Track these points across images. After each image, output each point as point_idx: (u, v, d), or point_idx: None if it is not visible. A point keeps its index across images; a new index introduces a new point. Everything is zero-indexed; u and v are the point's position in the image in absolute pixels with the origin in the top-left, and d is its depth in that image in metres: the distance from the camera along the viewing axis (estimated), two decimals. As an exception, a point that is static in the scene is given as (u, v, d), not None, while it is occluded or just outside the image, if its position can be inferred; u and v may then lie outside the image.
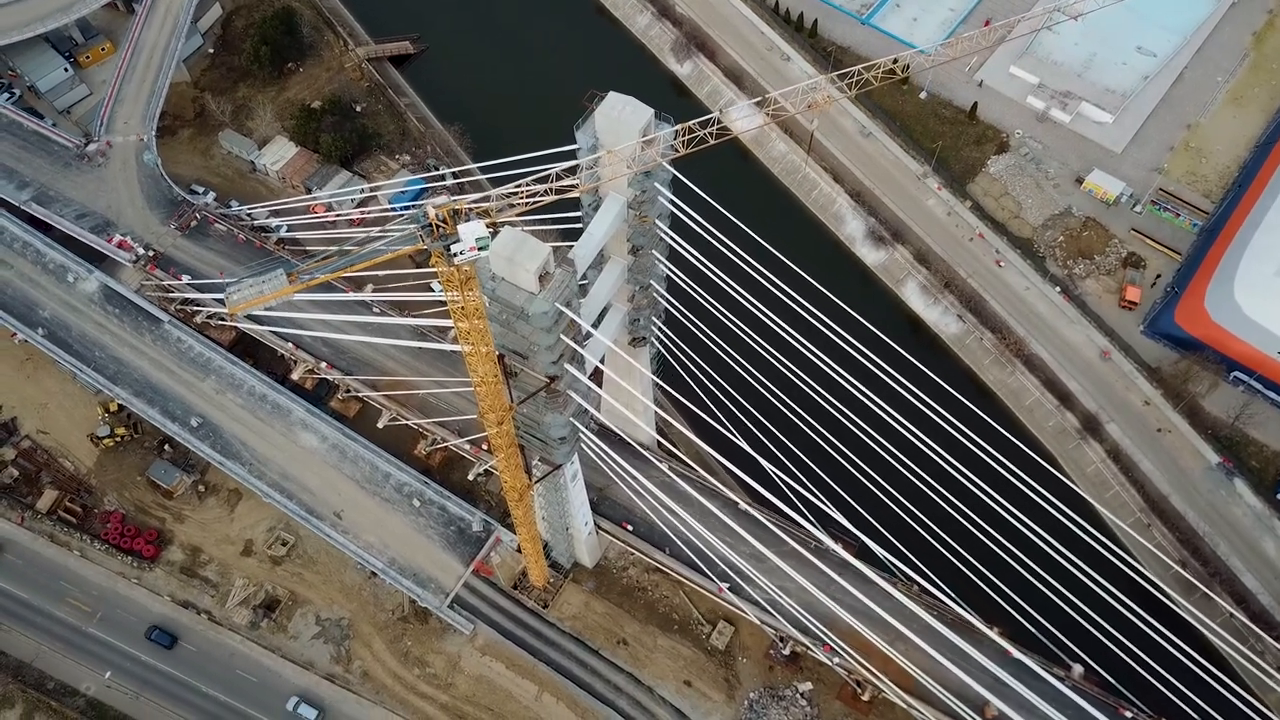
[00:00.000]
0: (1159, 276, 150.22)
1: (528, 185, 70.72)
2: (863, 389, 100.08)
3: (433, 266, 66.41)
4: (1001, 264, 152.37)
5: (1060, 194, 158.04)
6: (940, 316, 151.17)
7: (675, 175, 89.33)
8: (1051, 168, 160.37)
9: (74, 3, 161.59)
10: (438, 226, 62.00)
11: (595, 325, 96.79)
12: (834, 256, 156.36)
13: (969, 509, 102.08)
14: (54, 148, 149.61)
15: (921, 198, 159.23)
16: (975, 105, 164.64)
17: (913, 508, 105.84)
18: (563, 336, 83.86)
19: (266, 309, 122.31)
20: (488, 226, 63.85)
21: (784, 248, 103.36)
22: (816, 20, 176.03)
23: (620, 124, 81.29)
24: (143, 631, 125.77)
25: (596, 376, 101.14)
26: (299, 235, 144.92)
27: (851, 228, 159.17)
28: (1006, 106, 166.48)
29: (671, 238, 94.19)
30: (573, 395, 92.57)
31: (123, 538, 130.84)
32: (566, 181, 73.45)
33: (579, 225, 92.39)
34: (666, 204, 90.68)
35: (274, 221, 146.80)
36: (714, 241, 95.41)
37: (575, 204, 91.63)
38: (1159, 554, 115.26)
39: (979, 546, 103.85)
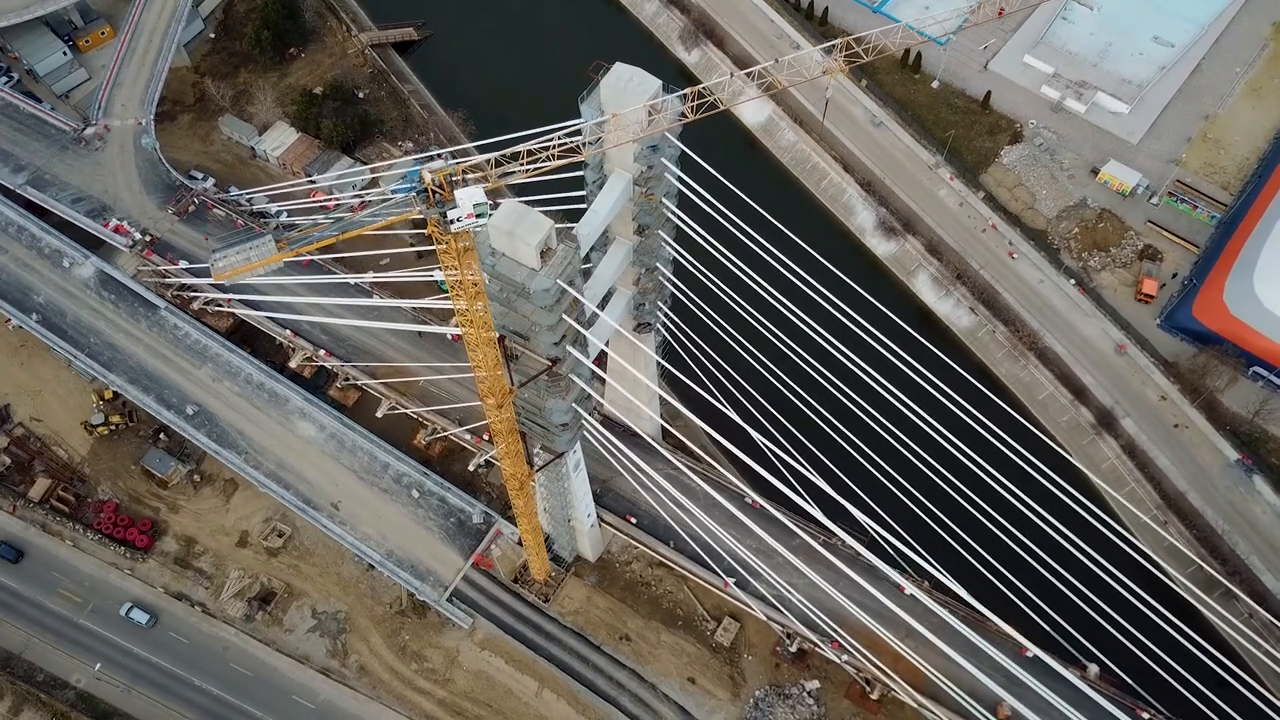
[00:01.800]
0: (1175, 274, 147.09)
1: (530, 146, 67.69)
2: (874, 378, 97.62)
3: (429, 236, 63.65)
4: (1015, 256, 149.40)
5: (1075, 185, 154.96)
6: (952, 309, 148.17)
7: (684, 151, 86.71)
8: (1066, 159, 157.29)
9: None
10: (434, 192, 59.11)
11: (600, 309, 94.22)
12: (844, 247, 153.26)
13: (982, 503, 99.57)
14: (50, 131, 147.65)
15: (933, 188, 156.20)
16: (988, 95, 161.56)
17: (925, 501, 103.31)
18: (565, 317, 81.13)
19: (257, 289, 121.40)
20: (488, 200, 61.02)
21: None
22: (827, 8, 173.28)
23: (627, 95, 78.83)
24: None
25: (600, 364, 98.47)
26: (298, 221, 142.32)
27: (862, 218, 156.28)
28: (1020, 96, 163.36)
29: (679, 217, 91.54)
30: (575, 380, 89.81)
31: (116, 527, 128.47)
32: (569, 154, 70.42)
33: (583, 206, 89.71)
34: (674, 181, 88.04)
35: (273, 207, 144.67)
36: (723, 220, 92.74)
37: (580, 183, 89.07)
38: (1180, 546, 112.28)
39: (992, 541, 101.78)
